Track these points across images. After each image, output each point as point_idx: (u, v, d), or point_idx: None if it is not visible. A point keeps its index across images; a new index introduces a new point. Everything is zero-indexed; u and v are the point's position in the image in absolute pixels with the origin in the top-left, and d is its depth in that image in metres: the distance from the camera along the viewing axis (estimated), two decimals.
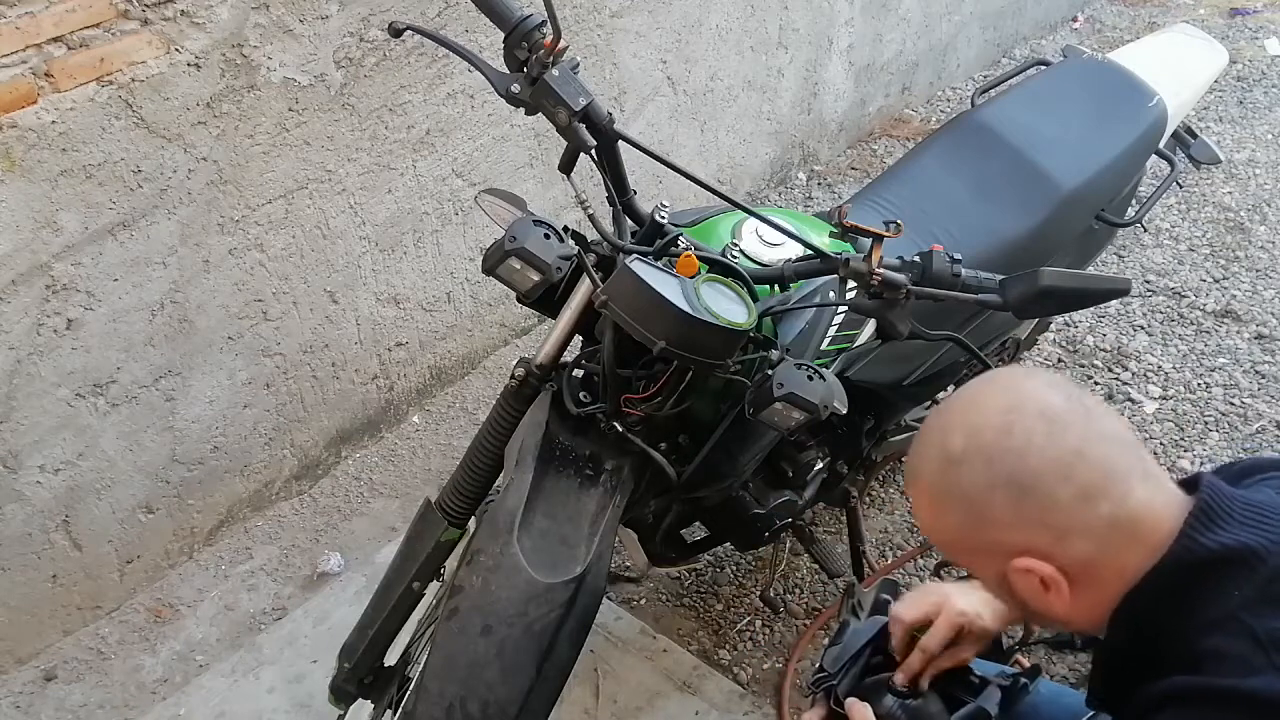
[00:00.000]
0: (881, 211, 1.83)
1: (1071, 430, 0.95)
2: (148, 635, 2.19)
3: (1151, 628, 0.95)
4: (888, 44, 3.69)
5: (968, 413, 1.00)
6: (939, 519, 1.02)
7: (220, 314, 2.16)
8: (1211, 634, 0.90)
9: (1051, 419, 0.95)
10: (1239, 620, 0.88)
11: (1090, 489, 0.94)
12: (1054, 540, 0.95)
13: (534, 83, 1.34)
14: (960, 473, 0.97)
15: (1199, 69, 2.21)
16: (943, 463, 0.99)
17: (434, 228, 2.54)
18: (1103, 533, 0.94)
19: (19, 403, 1.91)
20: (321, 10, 2.08)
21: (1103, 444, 0.95)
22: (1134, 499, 0.94)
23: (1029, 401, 0.97)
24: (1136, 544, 0.94)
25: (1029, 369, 1.03)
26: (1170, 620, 0.93)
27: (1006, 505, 0.95)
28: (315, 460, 2.52)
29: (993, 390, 1.00)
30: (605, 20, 2.68)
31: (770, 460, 1.69)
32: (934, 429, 1.02)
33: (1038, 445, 0.94)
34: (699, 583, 2.27)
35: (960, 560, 1.07)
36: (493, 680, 1.30)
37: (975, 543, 1.00)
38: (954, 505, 0.99)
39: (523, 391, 1.50)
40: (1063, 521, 0.94)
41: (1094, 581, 0.96)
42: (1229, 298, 2.98)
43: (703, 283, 1.31)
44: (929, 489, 1.02)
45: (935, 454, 1.00)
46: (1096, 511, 0.94)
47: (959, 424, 0.99)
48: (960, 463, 0.97)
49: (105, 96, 1.83)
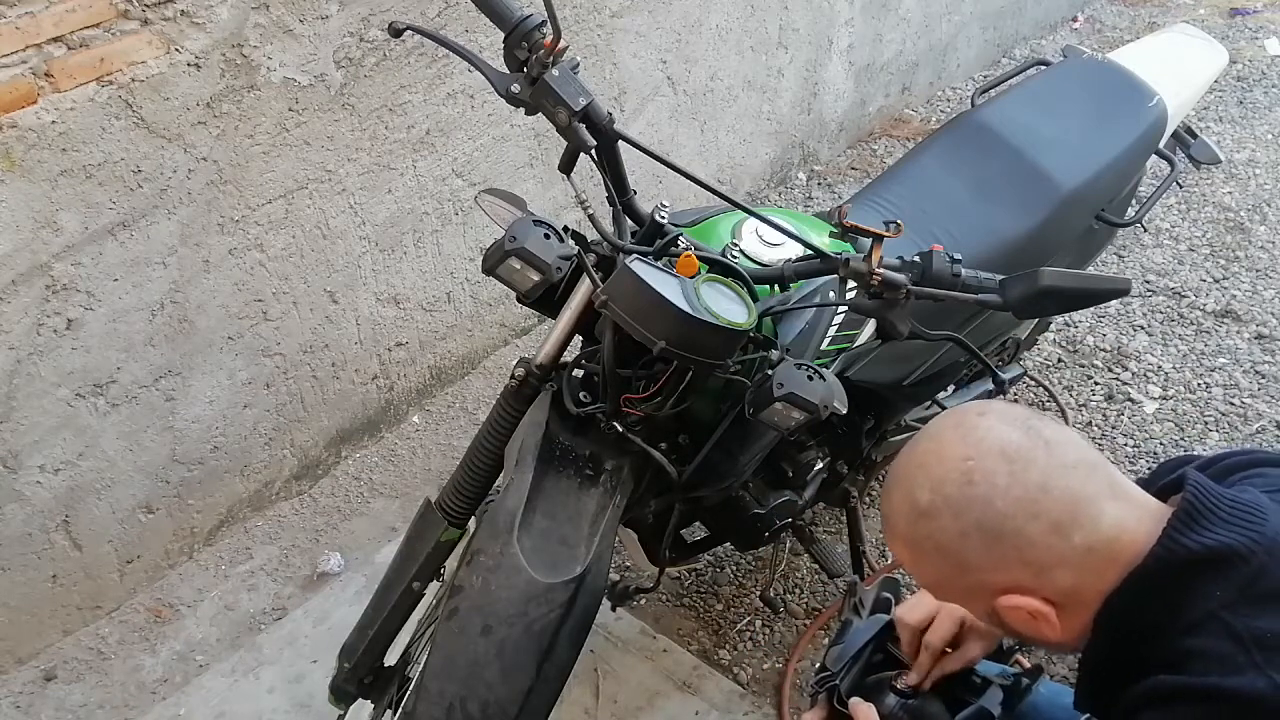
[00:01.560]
0: (881, 211, 1.83)
1: (1034, 467, 0.95)
2: (148, 635, 2.19)
3: (1133, 629, 0.95)
4: (888, 44, 3.69)
5: (929, 464, 1.00)
6: (920, 568, 1.04)
7: (220, 314, 2.16)
8: (1193, 634, 0.90)
9: (1012, 458, 0.96)
10: (1220, 620, 0.89)
11: (1061, 522, 0.94)
12: (1034, 575, 0.96)
13: (534, 83, 1.34)
14: (931, 526, 0.98)
15: (1199, 69, 2.21)
16: (913, 517, 1.00)
17: (434, 228, 2.54)
18: (1080, 560, 0.95)
19: (19, 403, 1.91)
20: (321, 10, 2.08)
21: (1065, 475, 0.95)
22: (1106, 522, 0.95)
23: (986, 443, 0.97)
24: (1114, 563, 0.95)
25: (984, 405, 1.03)
26: (1152, 621, 0.93)
27: (981, 550, 0.96)
28: (315, 460, 2.52)
29: (951, 437, 1.00)
30: (605, 20, 2.68)
31: (770, 460, 1.68)
32: (900, 481, 1.03)
33: (1001, 488, 0.95)
34: (699, 583, 2.27)
35: (950, 600, 1.09)
36: (493, 680, 1.30)
37: (960, 586, 1.01)
38: (931, 555, 1.01)
39: (523, 391, 1.50)
40: (1040, 557, 0.95)
41: (1080, 605, 0.97)
42: (1229, 298, 2.98)
43: (703, 283, 1.31)
44: (905, 541, 1.03)
45: (905, 508, 1.01)
46: (1070, 543, 0.94)
47: (922, 477, 1.00)
48: (929, 516, 0.98)
49: (105, 96, 1.83)
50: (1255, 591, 0.89)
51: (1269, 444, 2.53)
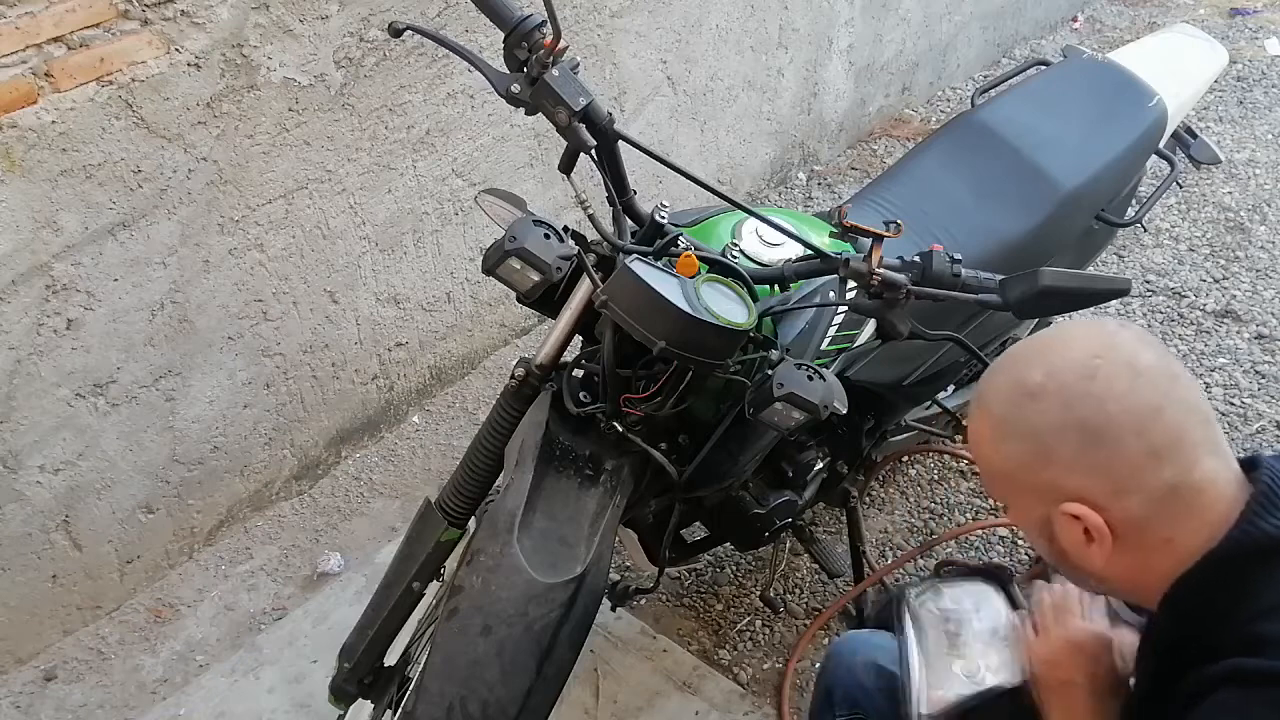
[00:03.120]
0: (881, 211, 1.83)
1: (1155, 388, 0.94)
2: (148, 635, 2.19)
3: (1205, 612, 0.94)
4: (888, 44, 3.69)
5: (1054, 350, 0.98)
6: (998, 449, 1.00)
7: (220, 314, 2.16)
8: (1269, 619, 0.89)
9: (1138, 372, 0.94)
10: None
11: (1160, 449, 0.93)
12: (1111, 493, 0.94)
13: (534, 83, 1.34)
14: (1034, 407, 0.96)
15: (1199, 69, 2.21)
16: (1017, 394, 0.98)
17: (434, 228, 2.54)
18: (1161, 496, 0.93)
19: (19, 403, 1.91)
20: (321, 10, 2.08)
21: (1180, 409, 0.94)
22: (1199, 471, 0.93)
23: (1119, 350, 0.96)
24: (1191, 517, 0.94)
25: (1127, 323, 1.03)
26: (1226, 604, 0.92)
27: (1074, 448, 0.94)
28: (315, 460, 2.52)
29: (1085, 333, 0.99)
30: (605, 20, 2.68)
31: (770, 460, 1.69)
32: (1012, 359, 1.01)
33: (1118, 394, 0.93)
34: (699, 583, 2.27)
35: (1004, 494, 1.05)
36: (493, 680, 1.30)
37: (1029, 480, 0.99)
38: (1019, 438, 0.98)
39: (523, 391, 1.50)
40: (1125, 475, 0.93)
41: (1139, 545, 0.96)
42: (1229, 298, 2.98)
43: (703, 283, 1.31)
44: (995, 418, 1.00)
45: (1009, 385, 0.99)
46: (1160, 474, 0.93)
47: (1041, 359, 0.98)
48: (1036, 397, 0.96)
49: (105, 96, 1.83)
50: None
51: (1269, 444, 2.53)
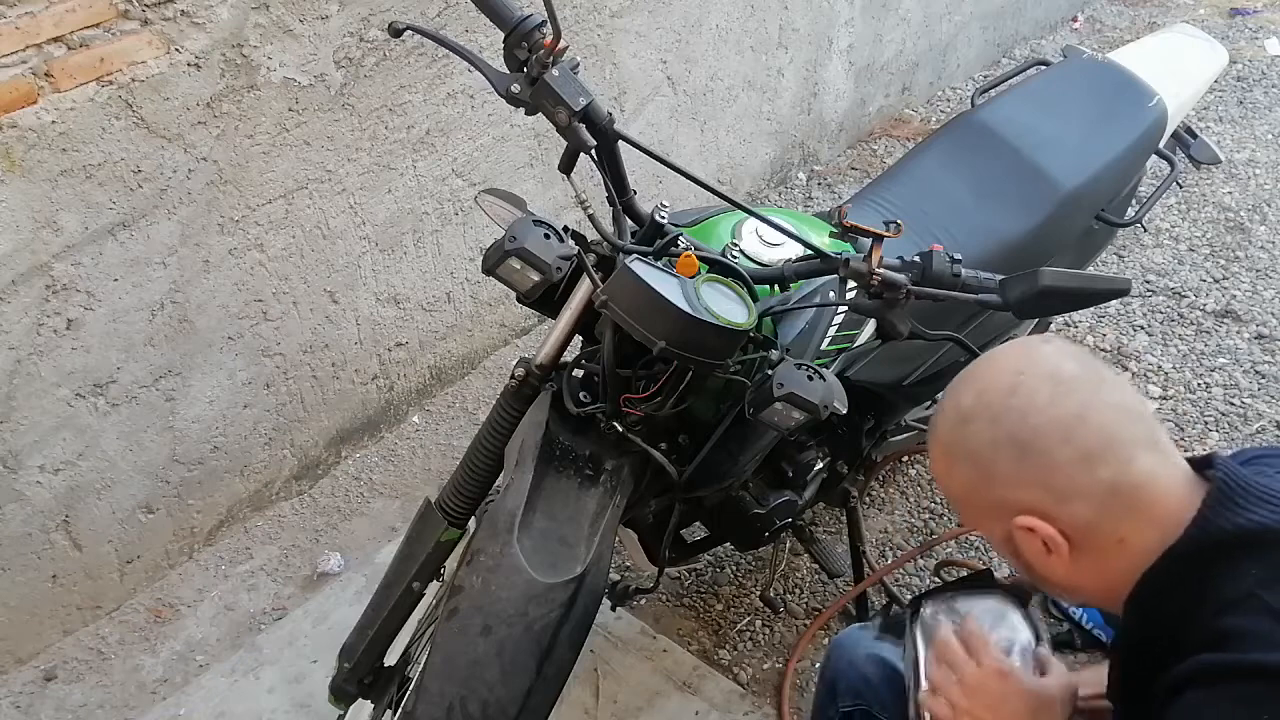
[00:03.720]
0: (881, 211, 1.82)
1: (1076, 394, 0.97)
2: (148, 635, 2.19)
3: (1169, 611, 0.95)
4: (888, 44, 3.69)
5: (981, 373, 1.04)
6: (951, 475, 1.05)
7: (220, 314, 2.16)
8: (1231, 613, 0.90)
9: (1058, 381, 0.98)
10: (1258, 598, 0.89)
11: (1090, 452, 0.96)
12: (1055, 501, 0.97)
13: (534, 83, 1.34)
14: (969, 430, 1.01)
15: (1199, 69, 2.21)
16: (954, 420, 1.03)
17: (434, 228, 2.54)
18: (1102, 498, 0.96)
19: (19, 403, 1.91)
20: (321, 10, 2.08)
21: (1108, 411, 0.97)
22: (1137, 468, 0.96)
23: (1040, 364, 1.00)
24: (1137, 514, 0.96)
25: (1052, 337, 1.06)
26: (1190, 602, 0.93)
27: (1009, 463, 0.98)
28: (315, 460, 2.52)
29: (1008, 353, 1.04)
30: (605, 20, 2.68)
31: (770, 460, 1.68)
32: (951, 390, 1.06)
33: (1040, 405, 0.97)
34: (699, 583, 2.27)
35: (971, 520, 1.09)
36: (493, 680, 1.30)
37: (983, 500, 1.03)
38: (963, 461, 1.03)
39: (523, 391, 1.50)
40: (1063, 483, 0.96)
41: (1094, 548, 0.98)
42: (1229, 298, 2.98)
43: (703, 283, 1.31)
44: (942, 445, 1.05)
45: (949, 412, 1.04)
46: (1096, 475, 0.96)
47: (972, 383, 1.03)
48: (969, 420, 1.01)
49: (105, 96, 1.83)
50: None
51: (1269, 444, 2.53)
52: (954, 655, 1.13)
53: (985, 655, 1.11)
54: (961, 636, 1.14)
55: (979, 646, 1.12)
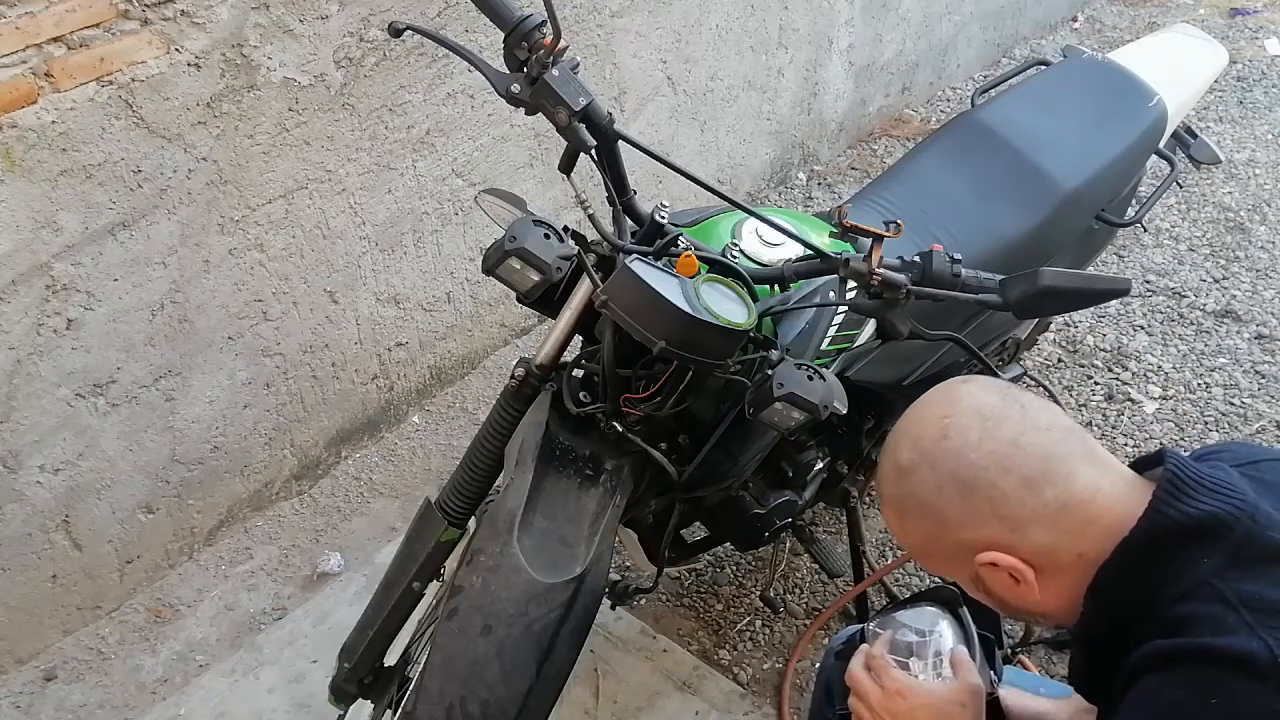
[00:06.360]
0: (881, 211, 1.82)
1: (1006, 425, 0.99)
2: (148, 635, 2.19)
3: (1125, 600, 0.97)
4: (888, 44, 3.69)
5: (911, 425, 1.05)
6: (906, 529, 1.07)
7: (220, 314, 2.16)
8: (1185, 600, 0.92)
9: (985, 416, 1.00)
10: (1210, 585, 0.91)
11: (1032, 477, 0.97)
12: (1010, 532, 0.99)
13: (534, 83, 1.34)
14: (911, 481, 1.03)
15: (1199, 69, 2.21)
16: (896, 475, 1.05)
17: (434, 228, 2.54)
18: (1054, 518, 0.98)
19: (19, 403, 1.91)
20: (321, 10, 2.08)
21: (1038, 434, 0.99)
22: (1080, 482, 0.98)
23: (963, 404, 1.02)
24: (1090, 525, 0.97)
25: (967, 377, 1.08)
26: (1143, 592, 0.95)
27: (957, 504, 1.00)
28: (315, 460, 2.52)
29: (931, 401, 1.06)
30: (605, 20, 2.68)
31: (770, 460, 1.68)
32: (887, 447, 1.08)
33: (974, 441, 0.99)
34: (699, 583, 2.27)
35: (938, 569, 1.10)
36: (493, 680, 1.30)
37: (943, 547, 1.04)
38: (914, 514, 1.04)
39: (523, 391, 1.50)
40: (1014, 512, 0.98)
41: (1058, 569, 1.00)
42: (1229, 298, 2.98)
43: (703, 283, 1.31)
44: (891, 502, 1.07)
45: (889, 469, 1.06)
46: (1043, 498, 0.97)
47: (905, 436, 1.05)
48: (909, 472, 1.03)
49: (105, 96, 1.83)
50: (1241, 557, 0.92)
51: (1268, 444, 2.53)
52: (858, 684, 1.17)
53: (885, 678, 1.15)
54: (866, 662, 1.18)
55: (879, 669, 1.16)
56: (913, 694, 1.13)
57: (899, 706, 1.12)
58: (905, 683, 1.14)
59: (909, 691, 1.13)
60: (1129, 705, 0.93)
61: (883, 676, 1.15)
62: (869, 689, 1.15)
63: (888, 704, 1.13)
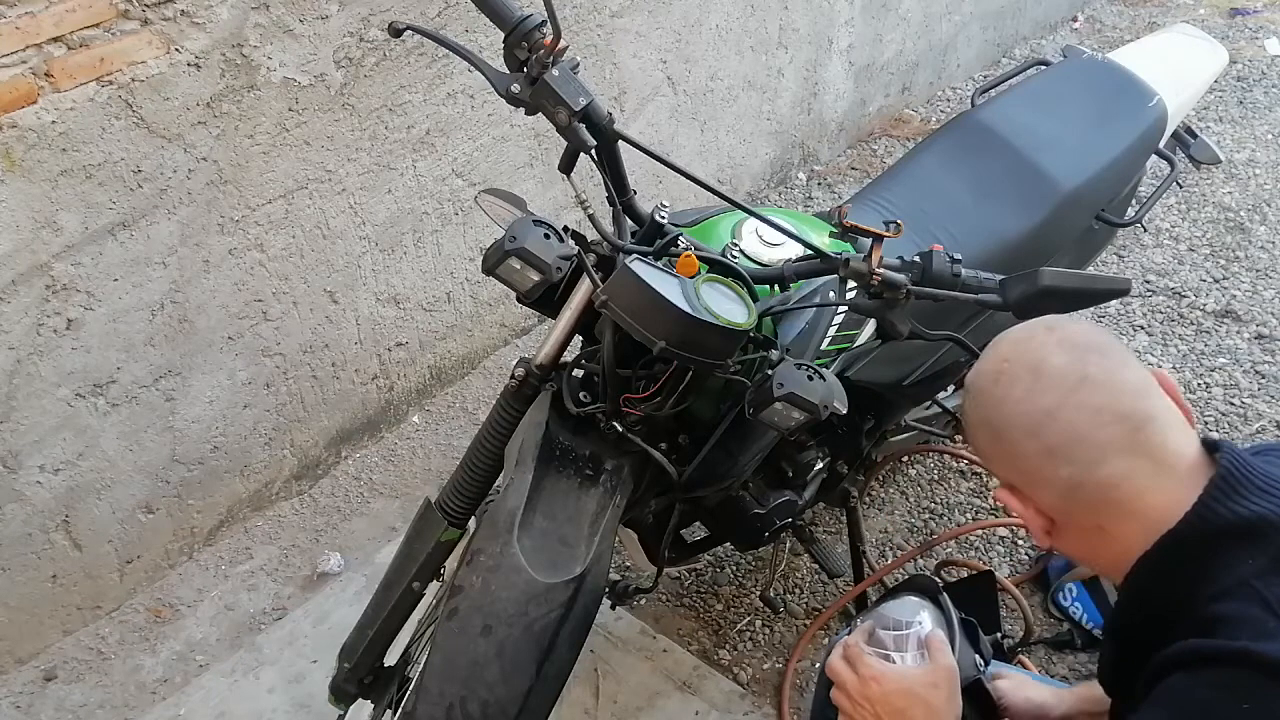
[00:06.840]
0: (881, 211, 1.83)
1: (1051, 392, 1.00)
2: (148, 635, 2.19)
3: (1163, 594, 0.96)
4: (888, 44, 3.69)
5: (987, 353, 1.09)
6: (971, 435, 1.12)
7: (220, 314, 2.16)
8: (1224, 600, 0.91)
9: (1039, 375, 1.01)
10: (1251, 587, 0.90)
11: (1054, 450, 0.99)
12: (1027, 484, 1.03)
13: (534, 83, 1.34)
14: (966, 404, 1.10)
15: (1199, 69, 2.21)
16: (966, 388, 1.11)
17: (434, 228, 2.54)
18: (1065, 491, 1.00)
19: (19, 403, 1.91)
20: (321, 10, 2.08)
21: (1081, 412, 0.98)
22: (1104, 471, 0.97)
23: (1027, 354, 1.03)
24: (1109, 508, 0.98)
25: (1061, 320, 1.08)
26: (1184, 586, 0.94)
27: (986, 442, 1.07)
28: (315, 460, 2.52)
29: (1014, 335, 1.08)
30: (605, 20, 2.68)
31: (770, 460, 1.68)
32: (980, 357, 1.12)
33: (1015, 397, 1.02)
34: (699, 583, 2.27)
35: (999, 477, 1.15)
36: (493, 680, 1.30)
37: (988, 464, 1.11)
38: (970, 428, 1.11)
39: (523, 391, 1.50)
40: (1029, 470, 1.02)
41: (1075, 530, 1.03)
42: (1229, 298, 2.98)
43: (703, 283, 1.31)
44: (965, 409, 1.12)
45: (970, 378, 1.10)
46: (1057, 471, 0.99)
47: (981, 361, 1.09)
48: (967, 394, 1.10)
49: (105, 96, 1.83)
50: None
51: None
52: (837, 674, 1.20)
53: (860, 665, 1.18)
54: (843, 652, 1.22)
55: (854, 657, 1.19)
56: (886, 679, 1.15)
57: (874, 691, 1.15)
58: (880, 669, 1.16)
59: (883, 677, 1.15)
60: (1154, 701, 0.92)
61: (858, 664, 1.18)
62: (846, 677, 1.18)
63: (864, 690, 1.16)
